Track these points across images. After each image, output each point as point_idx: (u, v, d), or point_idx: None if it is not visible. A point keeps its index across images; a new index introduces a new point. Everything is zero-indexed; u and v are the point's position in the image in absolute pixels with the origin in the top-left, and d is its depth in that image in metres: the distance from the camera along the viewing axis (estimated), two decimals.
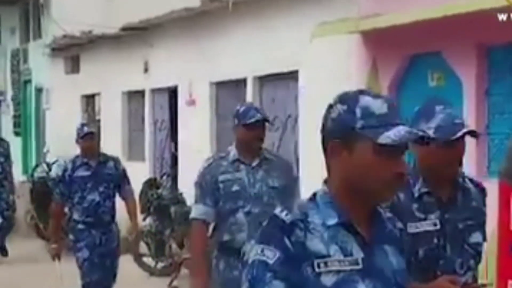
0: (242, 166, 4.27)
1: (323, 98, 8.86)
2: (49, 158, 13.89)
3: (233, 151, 4.32)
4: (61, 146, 14.40)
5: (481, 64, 6.39)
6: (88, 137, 6.54)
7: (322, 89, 8.16)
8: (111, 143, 12.96)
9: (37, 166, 13.06)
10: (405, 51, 7.06)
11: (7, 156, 10.92)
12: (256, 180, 4.27)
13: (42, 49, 14.99)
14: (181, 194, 10.01)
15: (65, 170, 6.42)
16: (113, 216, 6.69)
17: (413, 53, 7.02)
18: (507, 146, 6.05)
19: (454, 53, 6.52)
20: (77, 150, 6.76)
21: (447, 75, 6.74)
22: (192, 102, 10.70)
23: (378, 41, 7.28)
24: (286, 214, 1.97)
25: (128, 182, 6.73)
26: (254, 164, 4.30)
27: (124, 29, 11.72)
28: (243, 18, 9.39)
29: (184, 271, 9.26)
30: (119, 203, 7.12)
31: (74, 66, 14.40)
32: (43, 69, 15.44)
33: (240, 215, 4.25)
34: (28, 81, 16.60)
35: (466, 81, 6.46)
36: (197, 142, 10.54)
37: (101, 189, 6.48)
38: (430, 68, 6.92)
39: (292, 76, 8.67)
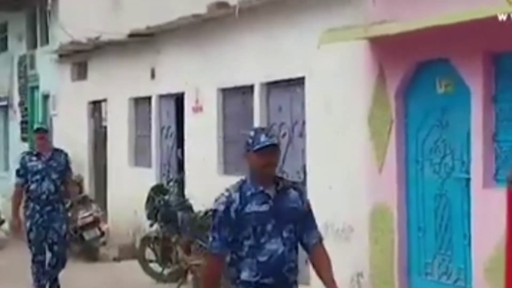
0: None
1: (330, 104, 8.91)
2: None
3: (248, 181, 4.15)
4: (68, 151, 14.41)
5: (488, 71, 6.38)
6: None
7: (329, 96, 8.15)
8: (118, 149, 12.97)
9: None
10: (412, 58, 7.06)
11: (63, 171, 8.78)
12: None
13: (49, 55, 15.02)
14: (187, 200, 10.02)
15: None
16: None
17: (421, 60, 7.02)
18: None
19: (462, 60, 6.51)
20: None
21: (455, 82, 6.73)
22: (198, 109, 10.71)
23: (385, 48, 7.27)
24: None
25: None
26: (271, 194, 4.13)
27: (131, 35, 11.73)
28: (250, 24, 9.40)
29: (190, 277, 9.25)
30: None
31: (81, 72, 14.42)
32: (50, 76, 15.47)
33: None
34: (35, 87, 16.63)
35: (474, 88, 6.45)
36: (204, 149, 10.54)
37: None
38: (438, 75, 6.91)
39: (299, 82, 8.67)
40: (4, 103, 17.99)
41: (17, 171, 8.64)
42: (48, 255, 8.66)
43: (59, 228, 8.56)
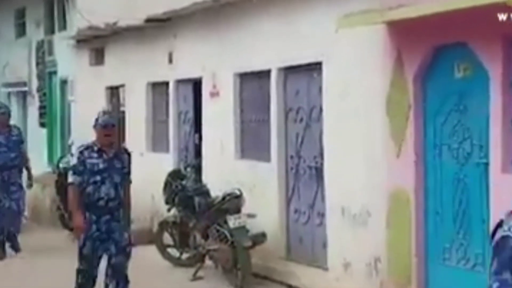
0: None
1: (347, 89, 8.88)
2: (74, 149, 13.98)
3: None
4: (85, 137, 14.48)
5: (507, 55, 6.32)
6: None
7: (347, 81, 8.12)
8: (136, 134, 13.01)
9: (62, 157, 13.14)
10: (430, 42, 7.01)
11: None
12: None
13: (66, 41, 15.06)
14: (205, 185, 10.05)
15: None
16: None
17: (439, 44, 6.96)
18: None
19: (481, 44, 6.46)
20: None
21: (473, 67, 6.68)
22: (216, 94, 10.71)
23: (403, 32, 7.23)
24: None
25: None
26: None
27: (148, 20, 11.74)
28: (267, 9, 9.36)
29: (208, 262, 9.30)
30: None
31: (98, 57, 14.45)
32: (68, 61, 15.51)
33: None
34: (53, 73, 16.68)
35: (492, 73, 6.39)
36: (221, 134, 10.55)
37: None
38: (456, 59, 6.85)
39: (316, 67, 8.64)
40: (23, 88, 18.07)
41: (74, 168, 7.14)
42: (105, 266, 7.31)
43: (119, 237, 7.16)
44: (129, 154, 7.37)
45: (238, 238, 8.79)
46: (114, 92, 14.14)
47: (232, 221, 8.88)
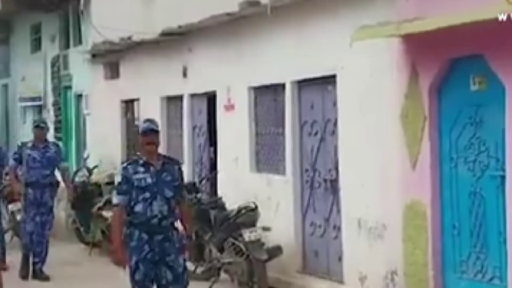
0: None
1: (362, 102, 8.88)
2: (90, 163, 14.03)
3: None
4: (101, 151, 14.55)
5: None
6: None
7: (361, 94, 8.12)
8: None
9: (78, 170, 13.20)
10: (446, 55, 7.00)
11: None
12: None
13: (82, 55, 15.16)
14: (220, 198, 10.05)
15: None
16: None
17: (454, 57, 6.96)
18: None
19: (496, 56, 6.45)
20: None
21: (489, 79, 6.67)
22: (230, 107, 10.74)
23: (418, 45, 7.23)
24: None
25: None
26: None
27: (163, 34, 11.80)
28: (282, 22, 9.39)
29: (223, 275, 9.29)
30: None
31: (113, 71, 14.53)
32: (83, 75, 15.60)
33: None
34: (68, 87, 16.78)
35: (508, 85, 6.38)
36: (236, 147, 10.56)
37: None
38: (471, 72, 6.85)
39: (330, 80, 8.65)
40: (38, 103, 18.18)
41: (118, 187, 6.37)
42: None
43: (175, 262, 6.37)
44: (179, 165, 6.61)
45: (253, 251, 8.78)
46: (129, 106, 14.21)
47: (248, 234, 8.87)
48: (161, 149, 12.64)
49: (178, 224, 6.58)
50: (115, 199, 6.35)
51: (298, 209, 9.33)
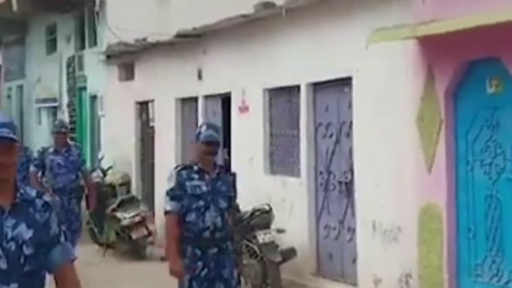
0: None
1: (377, 104, 8.84)
2: (104, 164, 14.07)
3: None
4: (115, 152, 14.58)
5: None
6: None
7: (377, 96, 8.10)
8: (165, 149, 13.06)
9: (92, 171, 13.22)
10: (462, 57, 6.97)
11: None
12: None
13: (97, 56, 15.20)
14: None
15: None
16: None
17: (471, 59, 6.93)
18: None
19: None
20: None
21: (505, 82, 6.64)
22: (245, 109, 10.73)
23: (434, 47, 7.20)
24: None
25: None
26: None
27: (178, 36, 11.81)
28: (297, 24, 9.39)
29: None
30: None
31: (128, 73, 14.56)
32: (98, 76, 15.65)
33: None
34: (83, 88, 16.84)
35: None
36: (250, 149, 10.56)
37: None
38: (488, 74, 6.81)
39: (346, 82, 8.64)
40: (53, 104, 18.25)
41: (171, 192, 5.89)
42: None
43: (230, 277, 5.93)
44: (234, 176, 6.32)
45: (267, 253, 8.77)
46: (143, 107, 14.23)
47: (262, 237, 8.87)
48: (177, 150, 12.78)
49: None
50: (167, 206, 5.84)
51: (312, 211, 9.31)
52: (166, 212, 5.88)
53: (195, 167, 5.93)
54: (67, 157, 9.97)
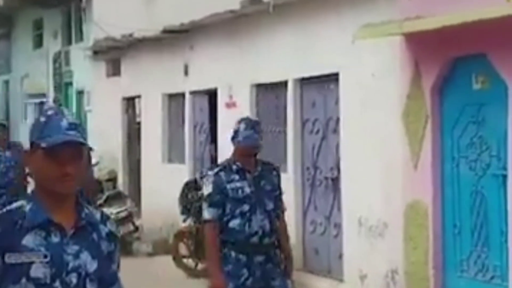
0: None
1: (364, 100, 8.88)
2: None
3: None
4: (102, 147, 14.55)
5: None
6: None
7: (363, 92, 8.12)
8: (152, 145, 13.05)
9: None
10: (448, 54, 7.00)
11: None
12: None
13: (83, 52, 15.16)
14: None
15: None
16: None
17: (457, 56, 6.96)
18: None
19: (499, 56, 6.44)
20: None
21: (491, 78, 6.67)
22: (232, 105, 10.73)
23: (421, 43, 7.22)
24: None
25: None
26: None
27: (164, 31, 11.79)
28: (284, 20, 9.39)
29: None
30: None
31: (115, 68, 14.53)
32: (85, 72, 15.61)
33: None
34: (70, 84, 16.80)
35: (511, 84, 6.38)
36: None
37: None
38: (474, 71, 6.84)
39: (333, 78, 8.65)
40: (43, 99, 18.19)
41: (209, 199, 5.10)
42: None
43: (281, 287, 5.20)
44: (277, 170, 5.39)
45: None
46: (130, 103, 14.20)
47: None
48: (163, 145, 12.78)
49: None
50: (206, 214, 5.08)
51: (299, 207, 9.33)
52: (205, 221, 5.13)
53: (234, 166, 5.14)
54: None
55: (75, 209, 2.49)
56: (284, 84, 9.55)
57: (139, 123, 13.79)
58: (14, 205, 2.43)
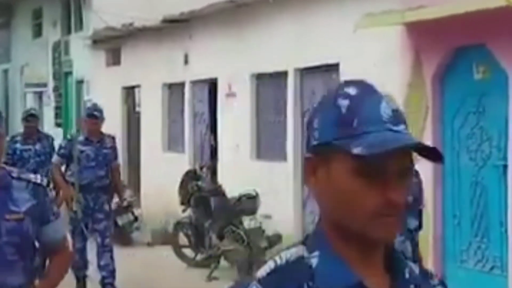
0: None
1: None
2: None
3: None
4: None
5: None
6: None
7: None
8: (151, 134, 13.03)
9: None
10: (449, 44, 6.98)
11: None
12: None
13: (83, 41, 15.12)
14: (220, 186, 10.03)
15: None
16: None
17: (458, 46, 6.93)
18: None
19: (500, 45, 6.42)
20: None
21: (492, 68, 6.64)
22: (232, 94, 10.71)
23: (422, 33, 7.20)
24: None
25: None
26: None
27: (164, 21, 11.76)
28: (284, 9, 9.35)
29: (223, 262, 9.29)
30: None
31: (114, 58, 14.49)
32: (84, 61, 15.57)
33: None
34: (69, 73, 16.76)
35: (511, 74, 6.36)
36: (237, 134, 10.54)
37: None
38: (474, 61, 6.82)
39: (333, 68, 8.62)
40: (39, 89, 18.15)
41: None
42: None
43: None
44: (417, 177, 4.60)
45: (253, 239, 8.77)
46: (130, 92, 14.17)
47: (248, 222, 8.87)
48: (163, 135, 12.74)
49: None
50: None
51: (298, 197, 9.32)
52: None
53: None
54: (98, 148, 8.13)
55: (385, 263, 1.44)
56: (285, 73, 9.52)
57: (138, 113, 13.76)
58: (289, 252, 1.46)
